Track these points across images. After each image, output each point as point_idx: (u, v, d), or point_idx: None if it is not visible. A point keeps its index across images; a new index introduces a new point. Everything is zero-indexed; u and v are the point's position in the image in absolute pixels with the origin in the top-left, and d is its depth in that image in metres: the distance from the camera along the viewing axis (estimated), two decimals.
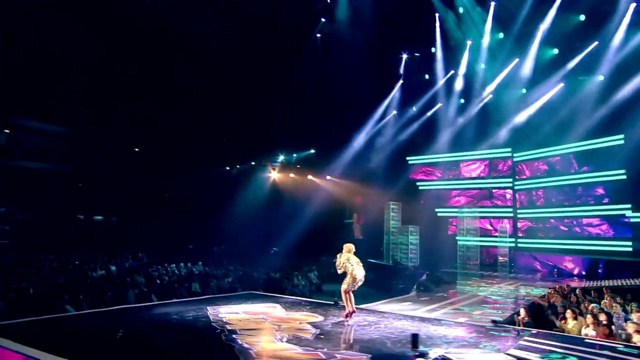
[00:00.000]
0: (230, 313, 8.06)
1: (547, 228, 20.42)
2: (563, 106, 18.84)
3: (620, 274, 16.37)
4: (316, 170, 26.46)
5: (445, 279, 15.79)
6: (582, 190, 19.46)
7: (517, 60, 19.41)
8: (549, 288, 12.93)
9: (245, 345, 5.88)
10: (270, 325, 7.18)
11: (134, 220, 24.73)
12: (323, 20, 21.24)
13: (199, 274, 14.46)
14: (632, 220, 17.70)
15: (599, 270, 17.53)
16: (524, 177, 21.68)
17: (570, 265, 18.82)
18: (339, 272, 8.03)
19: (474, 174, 23.14)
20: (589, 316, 7.99)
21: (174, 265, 15.25)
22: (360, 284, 8.00)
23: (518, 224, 21.44)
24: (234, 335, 6.41)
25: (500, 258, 20.13)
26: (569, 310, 8.80)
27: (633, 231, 17.57)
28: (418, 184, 24.65)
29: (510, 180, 21.97)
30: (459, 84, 21.48)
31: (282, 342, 6.21)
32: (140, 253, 19.03)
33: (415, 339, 5.52)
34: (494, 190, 22.47)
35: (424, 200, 24.19)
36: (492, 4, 17.71)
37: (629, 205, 17.75)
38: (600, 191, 18.89)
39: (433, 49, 20.86)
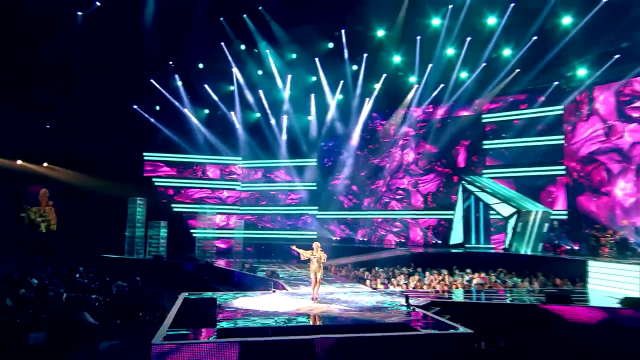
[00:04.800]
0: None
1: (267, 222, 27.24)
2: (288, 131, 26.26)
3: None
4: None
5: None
6: (291, 194, 27.33)
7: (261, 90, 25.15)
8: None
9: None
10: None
11: None
12: (98, 4, 19.74)
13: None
14: (317, 217, 26.88)
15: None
16: (250, 180, 27.56)
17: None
18: (314, 264, 11.01)
19: (210, 175, 27.07)
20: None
21: None
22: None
23: (242, 218, 27.00)
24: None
25: (235, 246, 24.99)
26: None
27: (318, 223, 26.73)
28: (154, 179, 25.93)
29: (238, 183, 27.34)
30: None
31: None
32: None
33: (407, 298, 10.23)
34: (224, 190, 27.15)
35: (161, 197, 25.85)
36: (268, 52, 22.65)
37: (316, 207, 26.84)
38: (302, 195, 27.21)
39: (201, 65, 23.50)
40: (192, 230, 25.38)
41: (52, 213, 25.69)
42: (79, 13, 20.13)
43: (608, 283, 13.37)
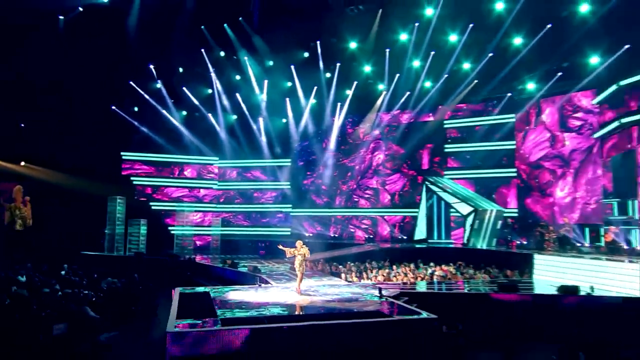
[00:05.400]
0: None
1: (239, 219, 28.33)
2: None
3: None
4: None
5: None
6: (267, 193, 28.54)
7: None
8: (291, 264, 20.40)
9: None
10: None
11: None
12: (80, 9, 20.24)
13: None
14: (291, 214, 28.26)
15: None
16: (226, 179, 28.55)
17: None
18: (299, 259, 12.34)
19: (187, 174, 27.92)
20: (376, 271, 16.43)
21: None
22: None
23: (219, 216, 28.00)
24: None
25: (213, 243, 26.05)
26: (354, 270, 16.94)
27: (292, 221, 28.11)
28: (132, 178, 26.55)
29: (215, 181, 28.33)
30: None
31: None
32: None
33: (380, 290, 11.83)
34: (201, 189, 28.09)
35: (140, 195, 26.51)
36: (246, 58, 23.71)
37: (290, 205, 28.21)
38: (277, 193, 28.48)
39: (181, 69, 24.30)
40: (170, 228, 26.21)
41: (28, 210, 25.68)
42: (61, 17, 20.54)
43: (550, 274, 15.39)
